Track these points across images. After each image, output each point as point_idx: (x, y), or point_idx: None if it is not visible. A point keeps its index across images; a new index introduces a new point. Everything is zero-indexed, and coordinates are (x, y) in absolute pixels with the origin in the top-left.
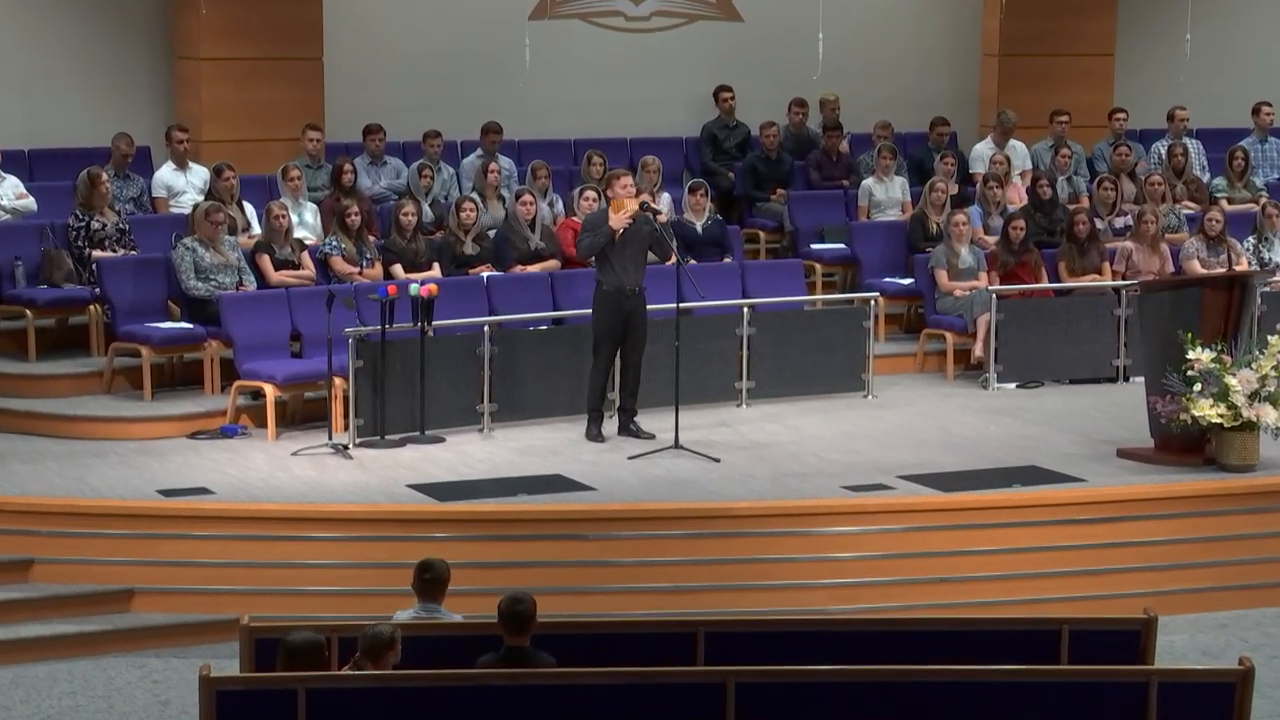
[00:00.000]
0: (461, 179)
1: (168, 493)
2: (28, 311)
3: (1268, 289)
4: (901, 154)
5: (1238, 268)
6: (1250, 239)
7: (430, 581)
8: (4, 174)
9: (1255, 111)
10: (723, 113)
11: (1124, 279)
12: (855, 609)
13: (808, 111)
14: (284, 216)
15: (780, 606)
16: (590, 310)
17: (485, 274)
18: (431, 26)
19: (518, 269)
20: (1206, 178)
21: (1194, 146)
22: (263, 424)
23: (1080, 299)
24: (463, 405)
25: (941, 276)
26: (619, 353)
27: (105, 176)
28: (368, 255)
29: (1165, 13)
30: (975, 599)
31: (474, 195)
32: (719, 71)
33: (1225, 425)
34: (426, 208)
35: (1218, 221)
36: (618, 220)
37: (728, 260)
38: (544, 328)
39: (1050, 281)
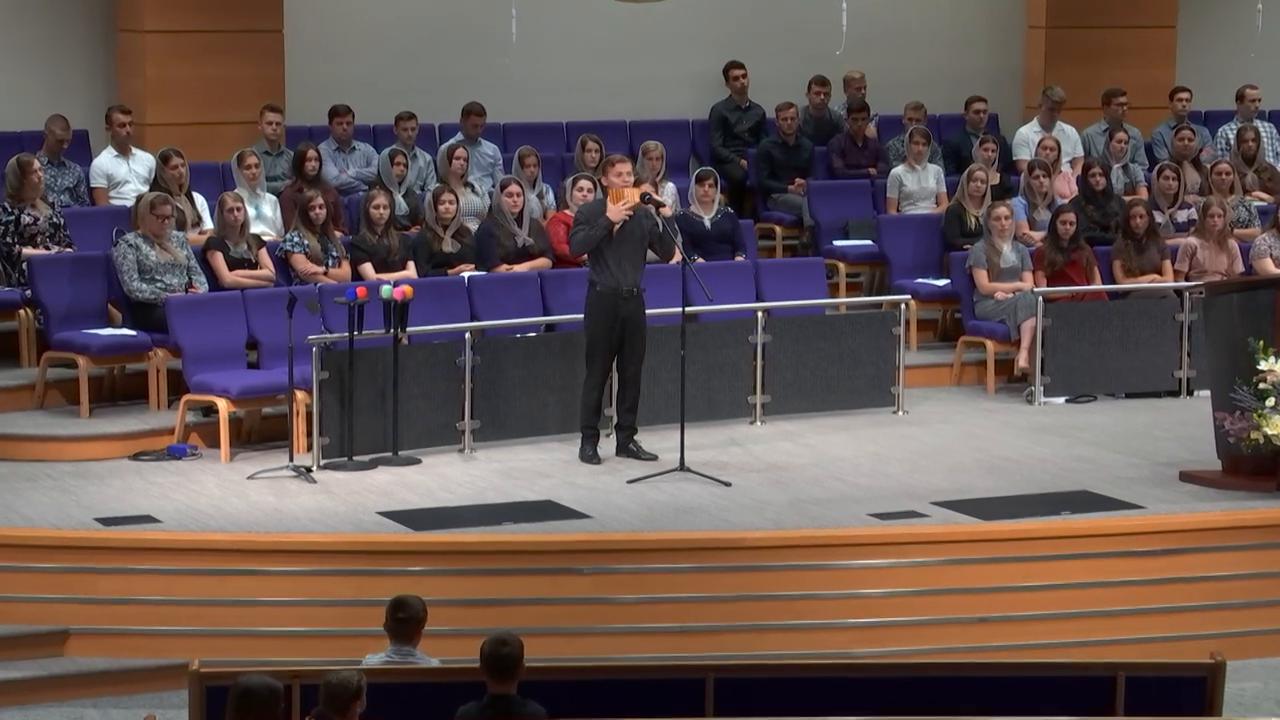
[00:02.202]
0: (439, 167)
1: (107, 521)
2: None
3: None
4: (936, 139)
5: None
6: None
7: (404, 621)
8: None
9: None
10: (734, 93)
11: (1187, 280)
12: (884, 652)
13: (830, 91)
14: (239, 209)
15: (799, 649)
16: (583, 315)
17: (466, 274)
18: None
19: (503, 268)
20: None
21: (1266, 130)
22: (215, 444)
23: (1138, 302)
24: (441, 422)
25: (981, 277)
26: (616, 363)
27: (37, 164)
28: (334, 253)
29: None
30: (1019, 641)
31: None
32: (730, 46)
33: None
34: (400, 199)
35: None
36: (616, 212)
37: (739, 258)
38: (532, 334)
39: (1104, 282)
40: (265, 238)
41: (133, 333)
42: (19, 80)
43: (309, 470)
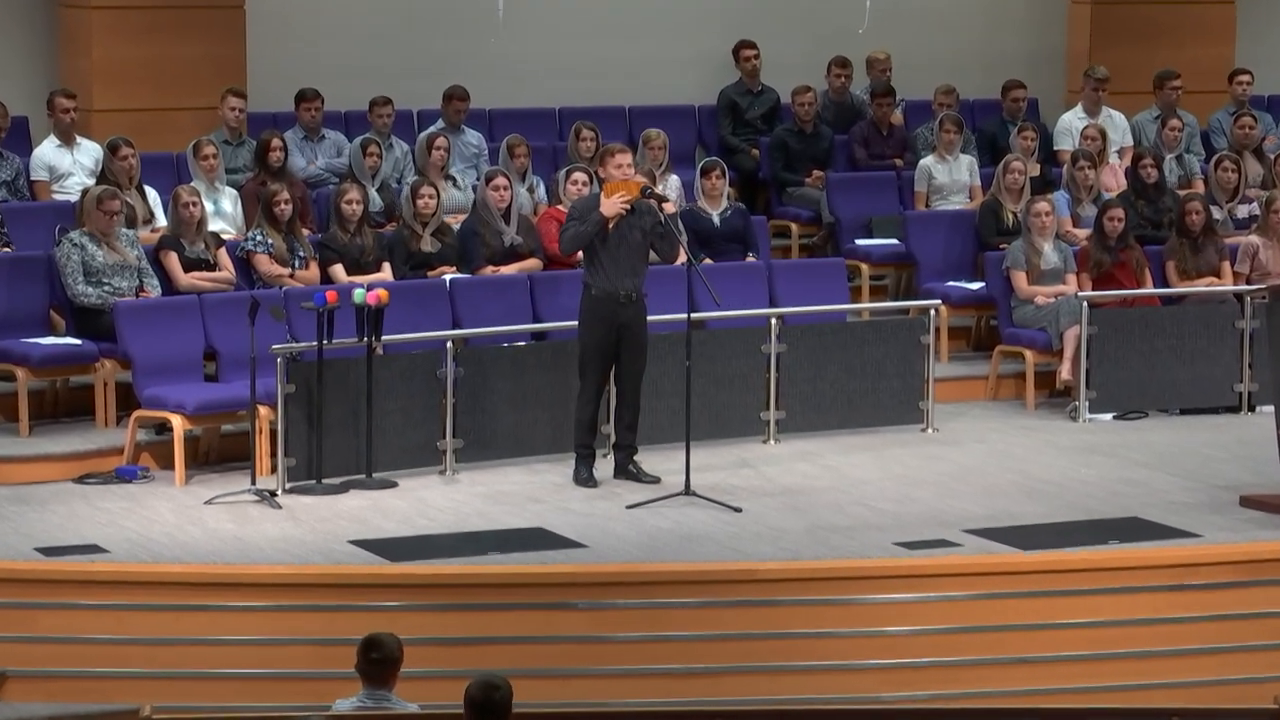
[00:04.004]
0: (418, 157)
1: (49, 551)
2: None
3: None
4: (969, 126)
5: None
6: None
7: (378, 662)
8: None
9: None
10: (745, 75)
11: (1249, 282)
12: (912, 696)
13: (851, 73)
14: (195, 205)
15: (817, 693)
16: (577, 322)
17: (448, 276)
18: None
19: (488, 270)
20: None
21: None
22: (169, 465)
23: (1194, 308)
24: (420, 441)
25: (1019, 280)
26: (614, 375)
27: None
28: (301, 253)
29: None
30: (1062, 684)
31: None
32: (740, 24)
33: None
34: (374, 193)
35: None
36: (611, 206)
37: (751, 259)
38: (521, 344)
39: (1156, 286)
40: (224, 236)
41: (77, 342)
42: None
43: (273, 494)
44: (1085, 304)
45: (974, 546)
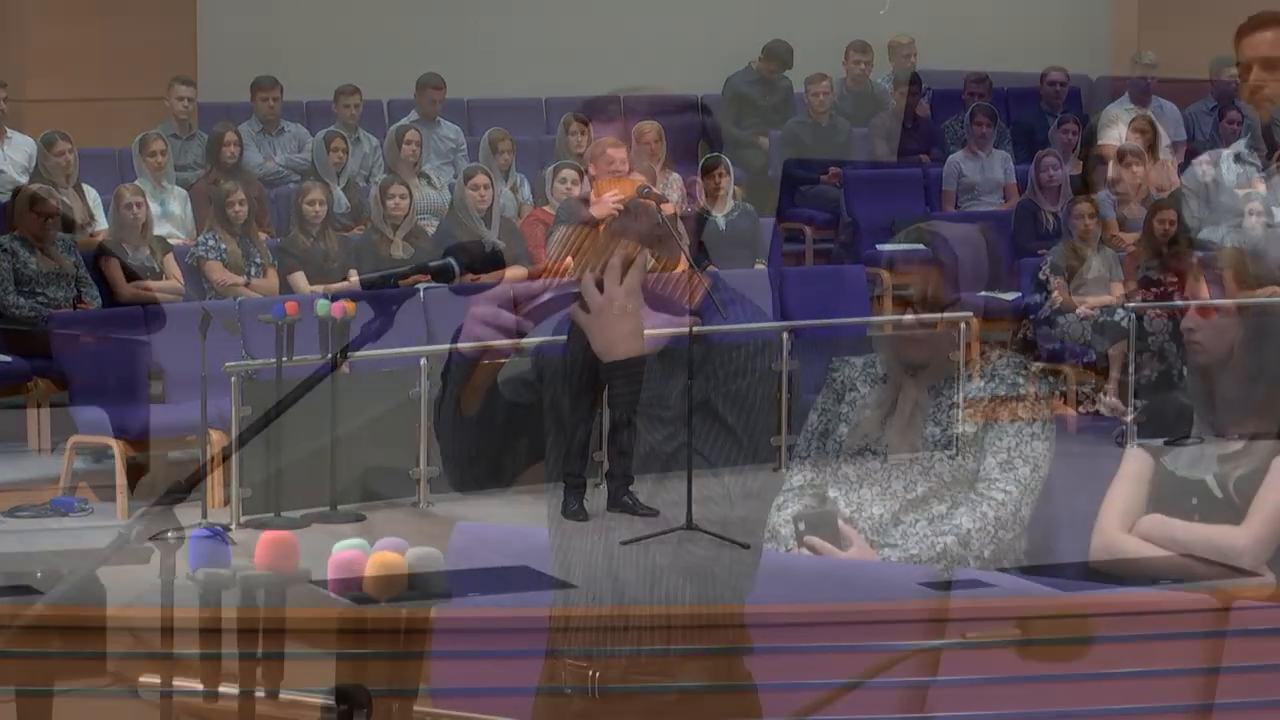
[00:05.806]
0: (388, 153)
1: None
2: None
3: None
4: (1003, 118)
5: None
6: None
7: (346, 716)
8: None
9: None
10: (761, 71)
11: None
12: None
13: (872, 59)
14: (140, 206)
15: None
16: (565, 336)
17: (422, 286)
18: None
19: (467, 278)
20: None
21: None
22: (110, 496)
23: (1254, 321)
24: (391, 469)
25: (1060, 289)
26: (607, 396)
27: None
28: (257, 259)
29: None
30: None
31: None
32: (747, 4)
33: None
34: (339, 193)
35: None
36: (602, 208)
37: (759, 266)
38: (504, 360)
39: (1212, 296)
40: (172, 241)
41: (7, 358)
42: None
43: (226, 529)
44: (1133, 316)
45: (1008, 586)
